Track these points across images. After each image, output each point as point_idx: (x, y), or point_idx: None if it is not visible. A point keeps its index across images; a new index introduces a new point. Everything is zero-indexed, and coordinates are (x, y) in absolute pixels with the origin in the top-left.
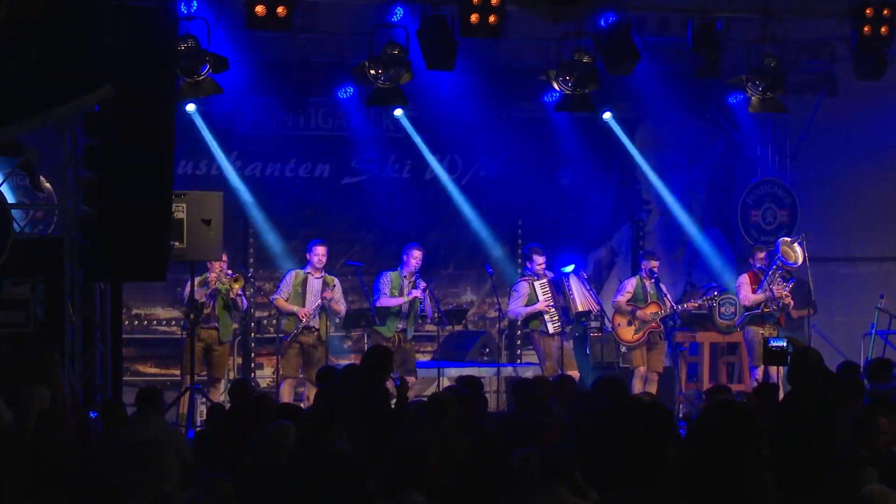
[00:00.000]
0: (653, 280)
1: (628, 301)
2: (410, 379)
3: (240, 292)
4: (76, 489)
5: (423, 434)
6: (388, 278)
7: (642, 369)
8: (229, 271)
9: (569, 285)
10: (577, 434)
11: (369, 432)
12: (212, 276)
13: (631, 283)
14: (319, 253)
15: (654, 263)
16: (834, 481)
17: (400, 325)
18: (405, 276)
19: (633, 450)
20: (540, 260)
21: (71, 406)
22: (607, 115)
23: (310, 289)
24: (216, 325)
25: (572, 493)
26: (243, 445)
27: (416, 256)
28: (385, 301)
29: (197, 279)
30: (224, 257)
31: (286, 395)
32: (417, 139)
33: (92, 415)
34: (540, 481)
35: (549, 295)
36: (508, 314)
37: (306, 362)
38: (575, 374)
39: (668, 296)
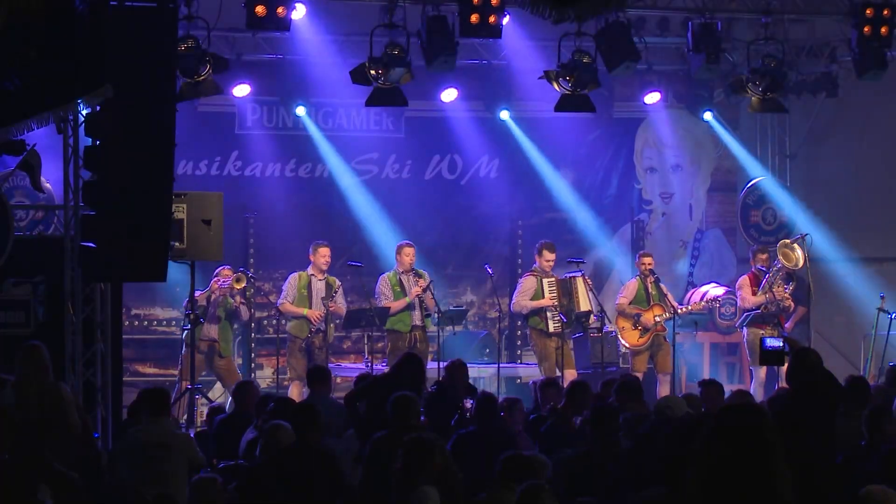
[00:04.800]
0: (653, 279)
1: (630, 303)
2: None
3: (242, 300)
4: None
5: (395, 432)
6: (386, 281)
7: (640, 375)
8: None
9: (575, 286)
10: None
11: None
12: (214, 284)
13: (631, 285)
14: (324, 254)
15: (648, 260)
16: (834, 481)
17: (416, 322)
18: (402, 274)
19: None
20: (550, 257)
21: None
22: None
23: (314, 290)
24: (216, 338)
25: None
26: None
27: (407, 254)
28: (388, 304)
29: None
30: (228, 271)
31: (295, 396)
32: (417, 139)
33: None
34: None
35: (556, 294)
36: (513, 307)
37: (311, 363)
38: (572, 372)
39: (670, 295)
